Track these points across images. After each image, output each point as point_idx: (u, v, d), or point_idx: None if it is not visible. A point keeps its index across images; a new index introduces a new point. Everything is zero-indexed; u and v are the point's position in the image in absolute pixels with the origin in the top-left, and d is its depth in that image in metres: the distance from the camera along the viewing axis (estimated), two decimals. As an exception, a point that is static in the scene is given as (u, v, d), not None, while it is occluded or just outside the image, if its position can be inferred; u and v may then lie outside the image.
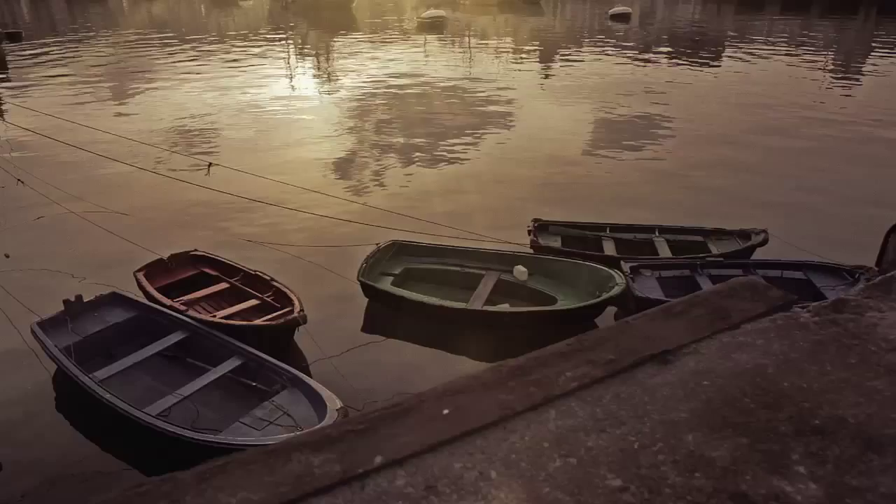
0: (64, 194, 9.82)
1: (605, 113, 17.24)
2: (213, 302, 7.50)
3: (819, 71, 25.79)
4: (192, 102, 18.25)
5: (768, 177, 12.09)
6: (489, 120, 16.28)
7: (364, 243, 7.95)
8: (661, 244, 8.39)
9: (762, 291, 1.53)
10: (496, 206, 10.67)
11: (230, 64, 26.09)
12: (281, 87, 21.19)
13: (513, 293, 7.47)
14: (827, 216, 10.26)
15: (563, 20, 51.74)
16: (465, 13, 48.21)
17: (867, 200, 10.87)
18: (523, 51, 31.43)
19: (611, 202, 10.79)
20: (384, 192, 11.35)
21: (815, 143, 14.62)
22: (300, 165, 12.58)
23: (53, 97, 19.53)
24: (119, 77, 23.15)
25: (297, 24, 45.14)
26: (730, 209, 10.23)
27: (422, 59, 26.97)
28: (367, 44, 32.83)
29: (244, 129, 15.60)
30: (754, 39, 35.68)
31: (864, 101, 19.42)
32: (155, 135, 14.60)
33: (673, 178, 12.06)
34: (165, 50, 30.82)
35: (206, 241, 8.55)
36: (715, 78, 23.50)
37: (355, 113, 17.09)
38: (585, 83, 21.50)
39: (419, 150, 13.60)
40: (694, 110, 17.79)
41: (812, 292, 7.04)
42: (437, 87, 20.47)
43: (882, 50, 32.43)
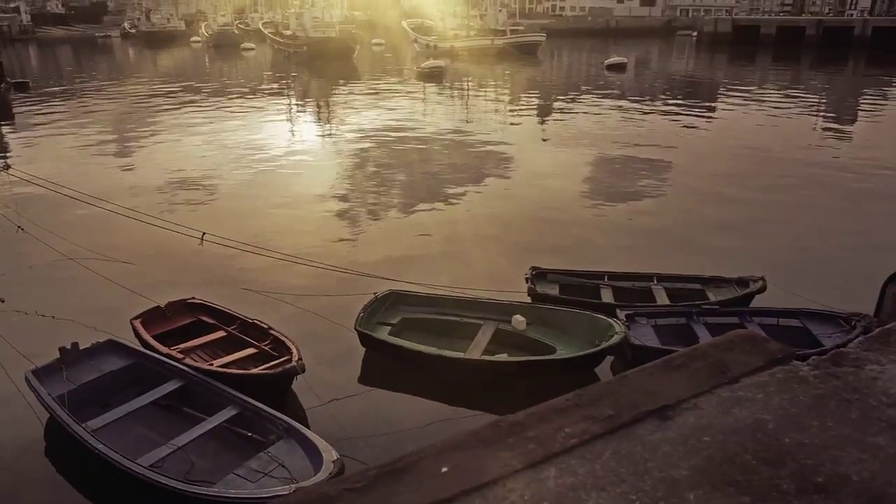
0: (63, 242, 9.85)
1: (602, 161, 17.45)
2: (210, 350, 7.45)
3: (812, 119, 26.25)
4: (194, 151, 18.50)
5: (765, 224, 12.17)
6: (487, 168, 16.46)
7: (362, 293, 7.94)
8: (659, 292, 8.39)
9: (761, 344, 1.52)
10: (494, 254, 10.71)
11: (232, 112, 26.52)
12: (282, 135, 21.51)
13: (511, 343, 7.43)
14: (824, 263, 10.29)
15: (560, 70, 52.85)
16: (463, 63, 49.23)
17: (863, 247, 10.93)
18: (521, 99, 32.01)
19: (608, 250, 10.83)
20: (382, 240, 11.40)
21: (811, 190, 14.77)
22: (298, 214, 12.67)
23: (57, 146, 19.79)
24: (122, 126, 23.50)
25: (300, 73, 46.07)
26: (727, 256, 10.27)
27: (421, 109, 27.46)
28: (367, 93, 33.43)
29: (243, 175, 15.76)
30: (747, 88, 36.41)
31: (857, 148, 19.70)
32: (156, 184, 14.75)
33: (670, 226, 12.14)
34: (169, 99, 31.37)
35: (203, 289, 8.54)
36: (710, 126, 23.88)
37: (354, 162, 17.30)
38: (583, 131, 21.83)
39: (417, 198, 13.71)
40: (690, 158, 18.02)
41: (809, 340, 7.02)
42: (436, 135, 20.77)
43: (872, 98, 33.07)
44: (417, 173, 15.73)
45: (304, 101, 31.73)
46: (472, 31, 61.37)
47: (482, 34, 60.50)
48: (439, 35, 61.90)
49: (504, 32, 60.43)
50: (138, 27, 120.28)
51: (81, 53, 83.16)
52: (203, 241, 8.30)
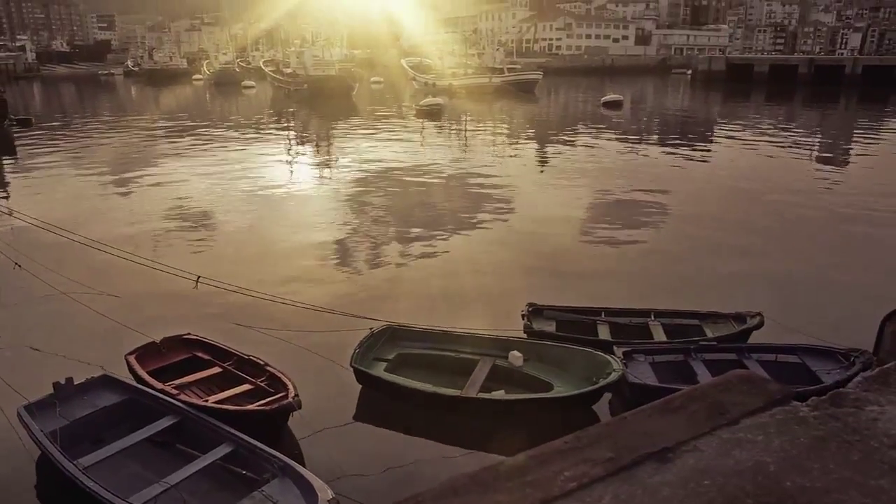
0: (60, 278, 9.83)
1: (599, 197, 17.56)
2: (206, 386, 7.37)
3: (806, 155, 26.53)
4: (194, 188, 18.59)
5: (761, 259, 12.20)
6: (484, 205, 16.54)
7: (358, 328, 7.91)
8: (656, 328, 8.36)
9: (759, 385, 1.52)
10: (491, 290, 10.70)
11: (232, 149, 26.74)
12: (281, 172, 21.65)
13: (508, 379, 7.37)
14: (820, 299, 10.29)
15: (557, 107, 53.53)
16: (461, 101, 49.87)
17: (859, 283, 10.94)
18: (519, 137, 32.35)
19: (606, 286, 10.83)
20: (378, 276, 11.40)
21: (806, 226, 14.85)
22: (296, 253, 12.66)
23: (58, 182, 19.90)
24: (122, 163, 23.65)
25: (300, 110, 46.59)
26: (724, 292, 10.27)
27: (419, 146, 27.71)
28: (366, 130, 33.78)
29: (241, 212, 15.81)
30: (742, 125, 36.86)
31: (852, 185, 19.86)
32: (154, 221, 14.78)
33: (667, 262, 12.16)
34: (170, 136, 31.68)
35: (199, 324, 8.50)
36: (706, 162, 24.11)
37: (353, 199, 17.37)
38: (580, 168, 22.02)
39: (414, 234, 13.75)
40: (686, 194, 18.15)
41: (808, 376, 6.98)
42: (434, 172, 20.92)
43: (865, 135, 33.49)
44: (415, 211, 15.80)
45: (304, 139, 32.02)
46: (469, 70, 62.39)
47: (480, 72, 61.49)
48: (438, 73, 62.86)
49: (501, 71, 61.42)
50: (141, 65, 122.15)
51: (84, 91, 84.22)
52: (198, 285, 8.30)
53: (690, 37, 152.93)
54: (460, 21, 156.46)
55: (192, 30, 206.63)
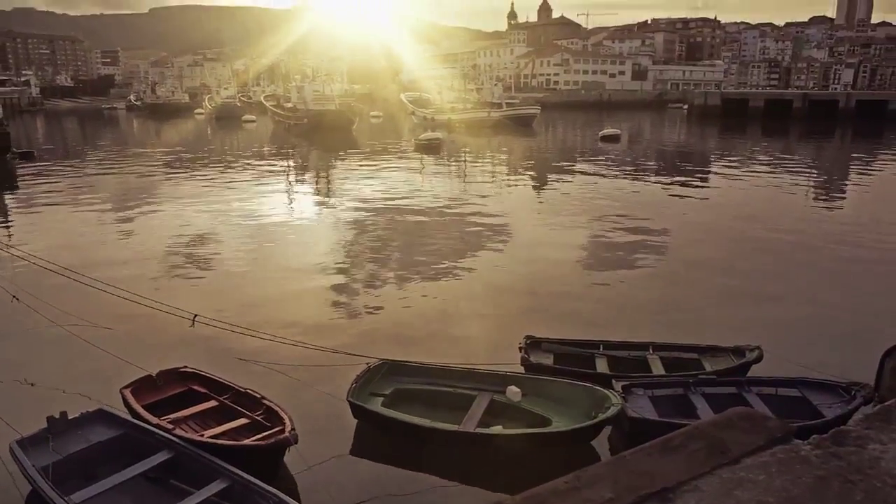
0: (56, 311, 9.80)
1: (597, 231, 17.61)
2: (201, 420, 7.29)
3: (803, 189, 26.70)
4: (194, 221, 18.62)
5: (760, 292, 12.19)
6: (483, 238, 16.58)
7: (355, 363, 7.85)
8: (654, 361, 8.31)
9: (760, 422, 1.50)
10: (489, 323, 10.67)
11: (232, 182, 26.89)
12: (280, 206, 21.74)
13: (506, 414, 7.30)
14: (819, 332, 10.26)
15: (555, 141, 54.02)
16: (460, 135, 50.34)
17: (857, 316, 10.92)
18: (517, 171, 32.59)
19: (603, 319, 10.79)
20: (375, 311, 11.36)
21: (804, 258, 14.87)
22: (294, 288, 12.63)
23: (58, 216, 19.97)
24: (123, 196, 23.77)
25: (299, 144, 46.99)
26: (723, 325, 10.24)
27: (418, 180, 27.87)
28: (366, 164, 34.03)
29: (240, 247, 15.82)
30: (739, 159, 37.18)
31: (848, 218, 19.96)
32: (153, 255, 14.76)
33: (665, 295, 12.14)
34: (171, 169, 31.90)
35: (195, 357, 8.44)
36: (703, 196, 24.25)
37: (351, 232, 17.40)
38: (578, 202, 22.13)
39: (412, 268, 13.74)
40: (684, 227, 18.21)
41: (809, 410, 6.92)
42: (433, 207, 21.00)
43: (861, 169, 33.77)
44: (413, 245, 15.81)
45: (304, 172, 32.23)
46: (468, 104, 63.17)
47: (479, 107, 62.26)
48: (437, 108, 63.61)
49: (500, 105, 62.20)
50: (143, 99, 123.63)
51: (86, 124, 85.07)
52: (194, 323, 8.27)
53: (686, 72, 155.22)
54: (459, 57, 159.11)
55: (194, 65, 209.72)
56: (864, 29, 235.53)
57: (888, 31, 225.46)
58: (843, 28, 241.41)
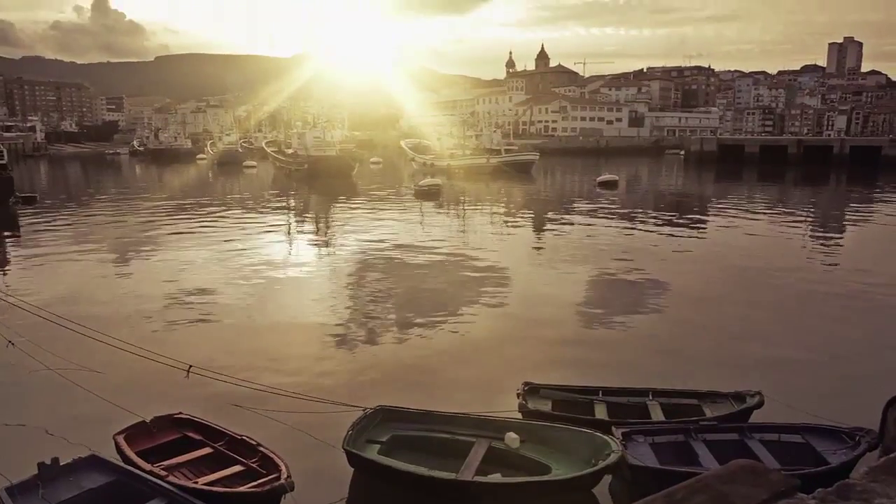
0: (53, 357, 9.73)
1: (595, 277, 17.61)
2: (196, 467, 7.15)
3: (801, 234, 26.84)
4: (193, 268, 18.62)
5: (759, 337, 12.13)
6: (482, 283, 16.57)
7: (352, 410, 7.76)
8: (654, 408, 8.21)
9: (763, 475, 1.47)
10: (486, 369, 10.59)
11: (233, 228, 27.00)
12: (280, 252, 21.77)
13: (505, 461, 7.17)
14: (819, 377, 10.19)
15: (554, 187, 54.49)
16: (459, 181, 50.76)
17: (858, 360, 10.86)
18: (516, 216, 32.77)
19: (602, 365, 10.72)
20: (372, 356, 11.28)
21: (803, 303, 14.85)
22: (292, 336, 12.57)
23: (57, 261, 19.98)
24: (123, 241, 23.86)
25: (300, 189, 47.36)
26: (723, 370, 10.16)
27: (418, 226, 28.00)
28: (365, 210, 34.24)
29: (239, 293, 15.79)
30: (736, 204, 37.48)
31: (846, 262, 19.99)
32: (151, 302, 14.68)
33: (664, 341, 12.08)
34: (172, 214, 32.07)
35: (191, 403, 8.34)
36: (701, 240, 24.35)
37: (349, 278, 17.39)
38: (577, 248, 22.19)
39: (410, 315, 13.69)
40: (682, 272, 18.23)
41: (812, 457, 6.80)
42: (432, 252, 21.04)
43: (857, 214, 34.00)
44: (412, 291, 15.77)
45: (303, 218, 32.39)
46: (467, 151, 63.82)
47: (478, 153, 62.92)
48: (436, 154, 64.30)
49: (499, 152, 62.91)
50: (146, 145, 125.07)
51: (89, 169, 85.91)
52: (189, 374, 8.20)
53: (682, 119, 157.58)
54: (458, 104, 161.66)
55: (197, 111, 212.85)
56: (855, 77, 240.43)
57: (878, 80, 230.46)
58: (835, 76, 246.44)
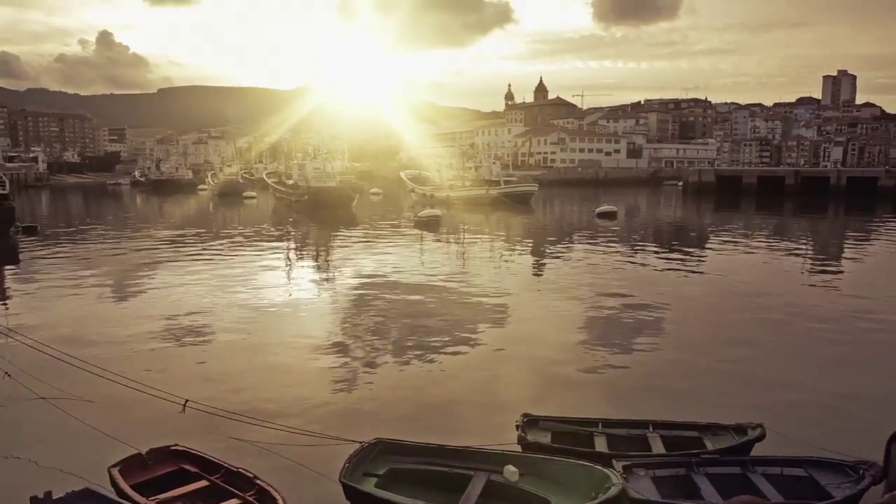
0: (48, 388, 9.70)
1: (595, 307, 17.60)
2: (192, 501, 7.08)
3: (800, 264, 26.89)
4: (192, 298, 18.58)
5: (761, 369, 12.09)
6: (481, 315, 16.55)
7: (348, 442, 7.72)
8: (654, 440, 8.16)
9: None
10: (485, 400, 10.53)
11: (232, 259, 27.06)
12: (279, 283, 21.79)
13: (504, 495, 7.10)
14: (823, 409, 10.12)
15: (553, 218, 54.72)
16: (459, 212, 50.98)
17: (861, 391, 10.81)
18: (515, 248, 32.86)
19: (602, 396, 10.67)
20: (371, 388, 11.23)
21: (804, 335, 14.82)
22: (289, 369, 12.50)
23: (56, 291, 19.97)
24: (122, 271, 23.89)
25: (300, 220, 47.54)
26: (724, 402, 10.12)
27: (417, 256, 28.05)
28: (365, 241, 34.33)
29: (237, 325, 15.76)
30: (735, 234, 37.62)
31: (847, 293, 19.97)
32: (148, 333, 14.63)
33: (665, 372, 12.04)
34: (172, 245, 32.17)
35: (186, 435, 8.29)
36: (700, 271, 24.38)
37: (348, 310, 17.36)
38: (576, 279, 22.21)
39: (408, 347, 13.65)
40: (682, 302, 18.23)
41: (816, 491, 6.74)
42: (431, 284, 21.04)
43: (856, 244, 34.09)
44: (411, 323, 15.73)
45: (303, 249, 32.47)
46: (467, 182, 64.22)
47: (477, 184, 63.29)
48: (436, 185, 64.70)
49: (498, 183, 63.29)
50: (147, 175, 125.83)
51: (91, 200, 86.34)
52: (185, 409, 8.18)
53: (680, 150, 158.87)
54: (458, 136, 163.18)
55: (199, 142, 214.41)
56: (850, 109, 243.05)
57: (872, 112, 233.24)
58: (830, 108, 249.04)
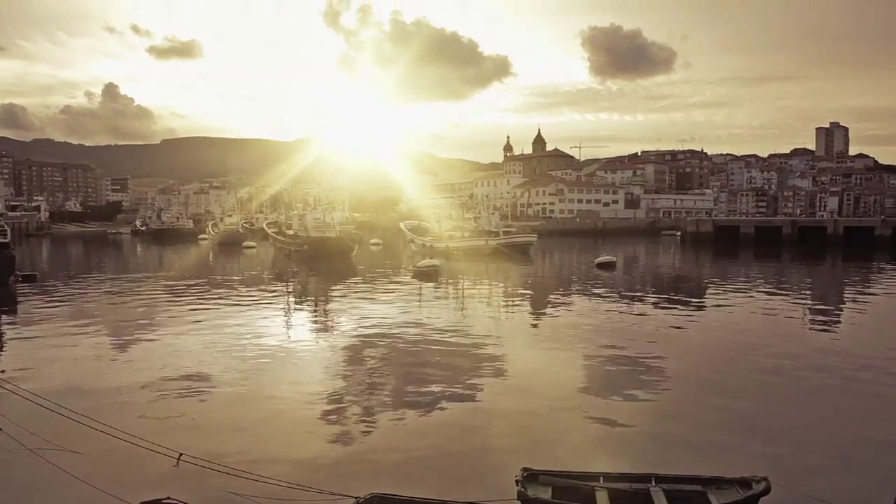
0: (40, 440, 9.56)
1: (595, 358, 17.47)
2: (182, 559, 6.92)
3: (800, 312, 26.85)
4: (190, 349, 18.46)
5: (763, 421, 11.95)
6: (479, 366, 16.40)
7: (343, 497, 7.57)
8: (657, 495, 8.00)
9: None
10: (484, 454, 10.36)
11: (230, 310, 26.97)
12: (277, 333, 21.65)
13: (505, 551, 6.95)
14: (828, 462, 9.97)
15: (552, 268, 54.79)
16: (458, 262, 51.05)
17: (868, 444, 10.66)
18: (514, 298, 32.82)
19: (603, 449, 10.51)
20: (367, 441, 11.06)
21: (807, 385, 14.68)
22: (284, 412, 12.40)
23: (52, 341, 19.86)
24: (120, 321, 23.80)
25: (299, 270, 47.58)
26: (727, 455, 9.97)
27: (416, 307, 27.94)
28: (364, 291, 34.30)
29: (234, 377, 15.60)
30: (733, 283, 37.65)
31: (851, 340, 19.87)
32: (144, 385, 14.44)
33: (665, 424, 11.88)
34: (170, 294, 32.11)
35: (180, 490, 8.13)
36: (700, 320, 24.30)
37: (345, 361, 17.21)
38: (575, 329, 22.13)
39: (405, 398, 13.49)
40: (683, 353, 18.12)
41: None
42: (429, 334, 20.89)
43: (855, 293, 34.08)
44: (408, 375, 15.57)
45: (302, 299, 32.37)
46: (466, 233, 64.53)
47: (476, 235, 63.61)
48: (435, 236, 65.00)
49: (497, 233, 63.66)
50: (148, 225, 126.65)
51: (91, 248, 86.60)
52: (179, 463, 8.07)
53: (677, 200, 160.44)
54: (457, 186, 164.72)
55: (200, 192, 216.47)
56: (844, 160, 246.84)
57: (866, 163, 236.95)
58: (824, 159, 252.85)
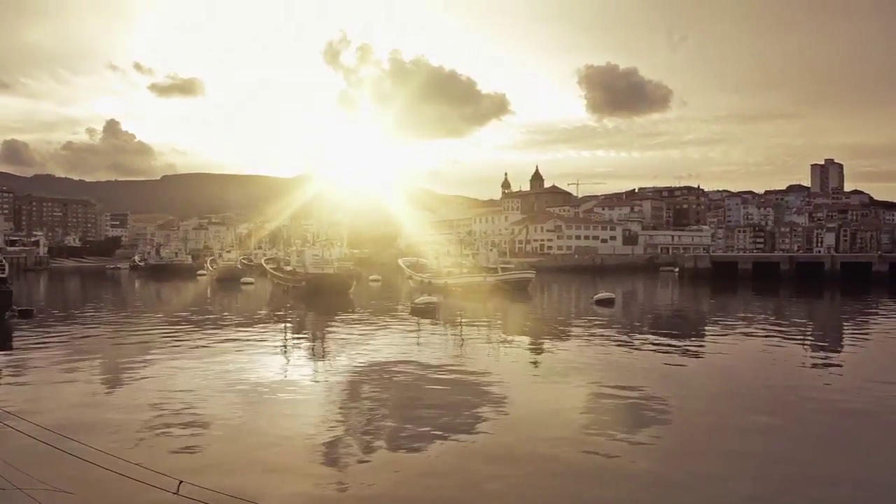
0: (30, 479, 9.39)
1: (595, 399, 17.30)
2: None
3: (800, 350, 26.73)
4: (187, 384, 18.33)
5: (768, 464, 11.79)
6: (477, 404, 16.26)
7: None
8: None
9: None
10: (483, 498, 10.21)
11: (228, 345, 26.82)
12: (275, 369, 21.51)
13: None
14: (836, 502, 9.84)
15: (551, 305, 54.72)
16: (456, 299, 50.94)
17: (868, 488, 10.51)
18: (513, 335, 32.68)
19: (606, 493, 10.36)
20: (362, 481, 10.90)
21: (812, 423, 14.56)
22: (282, 449, 12.26)
23: (48, 375, 19.72)
24: (116, 356, 23.67)
25: (297, 306, 47.46)
26: (731, 497, 9.83)
27: (414, 344, 27.81)
28: (362, 327, 34.17)
29: (232, 411, 15.50)
30: (732, 319, 37.57)
31: (852, 379, 19.74)
32: (141, 419, 14.38)
33: (669, 468, 11.73)
34: (168, 330, 31.95)
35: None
36: (700, 357, 24.18)
37: (343, 397, 17.09)
38: (574, 367, 21.98)
39: (403, 435, 13.36)
40: (683, 394, 17.94)
41: None
42: (428, 371, 20.75)
43: (853, 329, 34.02)
44: (406, 413, 15.42)
45: (299, 335, 32.24)
46: (464, 269, 64.53)
47: (475, 272, 63.58)
48: (433, 272, 65.01)
49: (495, 270, 63.67)
50: (147, 260, 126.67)
51: (88, 284, 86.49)
52: (178, 492, 7.95)
53: (675, 237, 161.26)
54: (455, 223, 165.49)
55: (199, 228, 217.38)
56: (839, 196, 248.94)
57: (861, 199, 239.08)
58: (820, 196, 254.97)
